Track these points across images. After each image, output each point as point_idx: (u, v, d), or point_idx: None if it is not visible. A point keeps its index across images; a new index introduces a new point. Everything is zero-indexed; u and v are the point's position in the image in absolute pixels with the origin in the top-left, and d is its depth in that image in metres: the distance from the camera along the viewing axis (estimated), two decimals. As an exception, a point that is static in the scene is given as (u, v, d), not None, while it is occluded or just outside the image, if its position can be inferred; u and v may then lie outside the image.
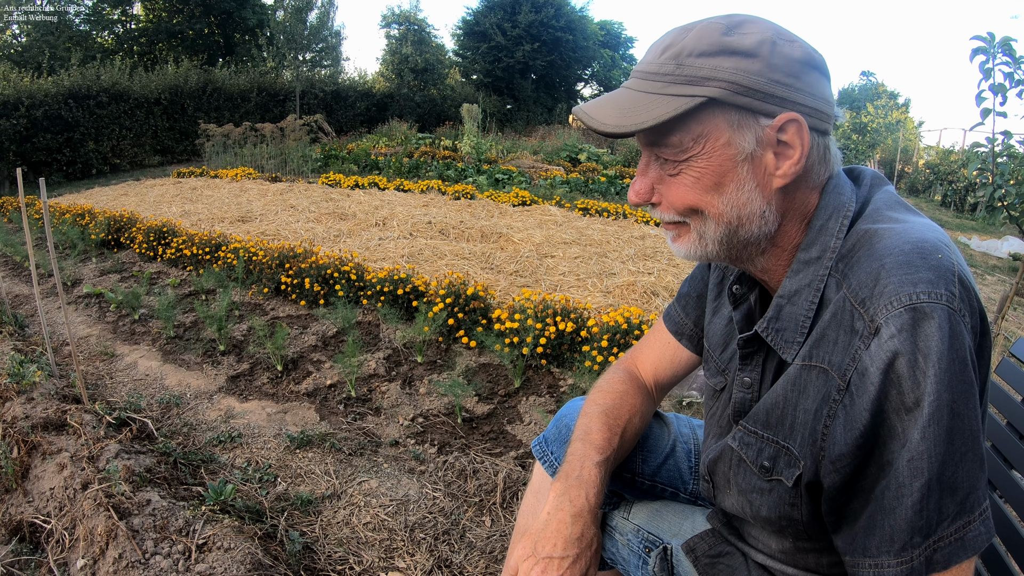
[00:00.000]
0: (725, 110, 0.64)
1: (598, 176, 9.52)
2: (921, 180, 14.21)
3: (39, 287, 2.87)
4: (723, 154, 0.65)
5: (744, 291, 0.81)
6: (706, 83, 0.63)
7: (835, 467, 0.62)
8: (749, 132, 0.64)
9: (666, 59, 0.65)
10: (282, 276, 3.74)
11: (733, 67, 0.63)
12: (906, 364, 0.56)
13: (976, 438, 0.57)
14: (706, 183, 0.67)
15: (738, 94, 0.63)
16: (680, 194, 0.69)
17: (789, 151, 0.66)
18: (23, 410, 2.09)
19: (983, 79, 2.47)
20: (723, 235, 0.69)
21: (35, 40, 15.72)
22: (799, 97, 0.64)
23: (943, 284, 0.57)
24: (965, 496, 0.57)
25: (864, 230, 0.66)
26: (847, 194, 0.70)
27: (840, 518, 0.65)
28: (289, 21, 16.95)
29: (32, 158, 11.62)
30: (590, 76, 25.54)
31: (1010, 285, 2.91)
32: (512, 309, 2.94)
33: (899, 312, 0.57)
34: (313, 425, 2.35)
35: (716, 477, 0.82)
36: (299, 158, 10.51)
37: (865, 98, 22.71)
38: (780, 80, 0.64)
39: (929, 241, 0.61)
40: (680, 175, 0.68)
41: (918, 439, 0.56)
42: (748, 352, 0.76)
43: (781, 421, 0.69)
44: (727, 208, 0.67)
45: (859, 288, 0.61)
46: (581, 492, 0.80)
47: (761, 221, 0.68)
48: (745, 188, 0.66)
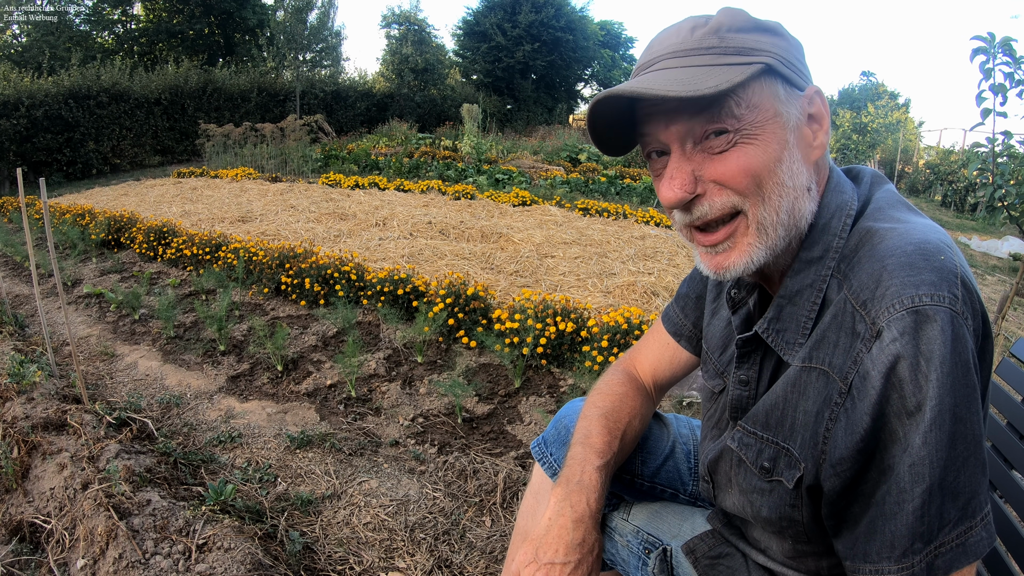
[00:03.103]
0: (773, 81, 0.65)
1: (598, 176, 9.52)
2: (921, 180, 14.20)
3: (39, 287, 2.87)
4: (775, 123, 0.65)
5: (743, 295, 0.80)
6: (756, 53, 0.64)
7: (836, 471, 0.62)
8: (793, 103, 0.66)
9: (703, 35, 0.65)
10: (282, 276, 3.74)
11: (771, 42, 0.66)
12: (908, 368, 0.56)
13: (978, 443, 0.56)
14: (768, 153, 0.64)
15: (783, 65, 0.65)
16: (740, 165, 0.64)
17: (816, 124, 0.68)
18: (23, 410, 2.09)
19: (983, 79, 2.47)
20: (786, 213, 0.65)
21: (35, 40, 15.71)
22: (809, 75, 0.69)
23: (946, 286, 0.56)
24: (967, 501, 0.56)
25: (866, 229, 0.65)
26: (848, 192, 0.70)
27: (840, 522, 0.64)
28: (289, 21, 16.97)
29: (32, 158, 11.62)
30: (590, 76, 25.55)
31: (1010, 285, 2.91)
32: (512, 309, 2.94)
33: (901, 315, 0.56)
34: (313, 425, 2.35)
35: (717, 477, 0.81)
36: (299, 158, 10.51)
37: (865, 98, 22.69)
38: (799, 58, 0.68)
39: (932, 242, 0.60)
40: (735, 148, 0.64)
41: (920, 444, 0.55)
42: (746, 351, 0.76)
43: (781, 422, 0.69)
44: (787, 178, 0.65)
45: (860, 290, 0.61)
46: (582, 497, 0.80)
47: (809, 196, 0.68)
48: (796, 158, 0.66)
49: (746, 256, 0.67)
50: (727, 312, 0.82)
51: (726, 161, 0.65)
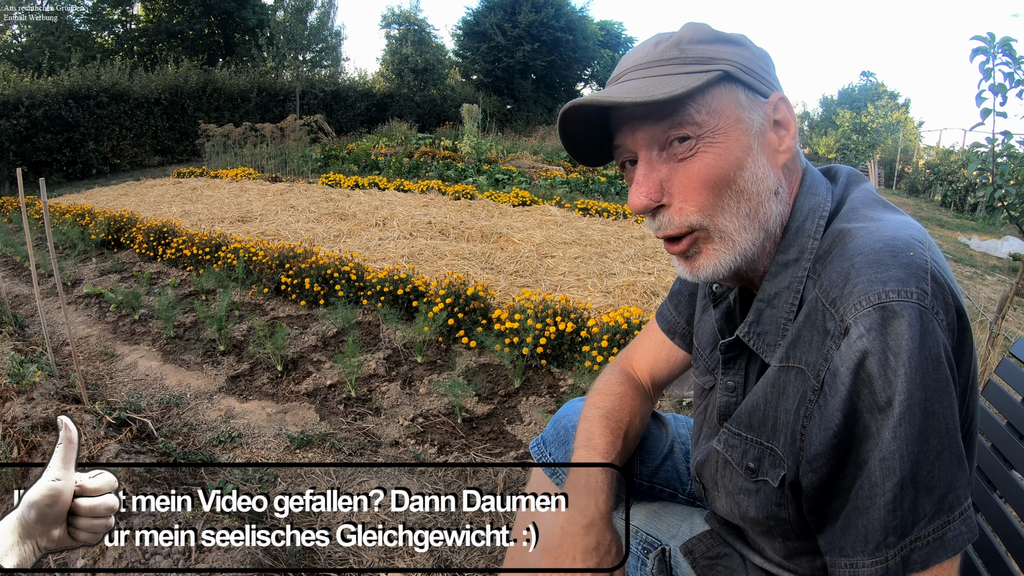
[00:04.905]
0: (734, 88, 0.66)
1: (598, 176, 9.51)
2: (921, 180, 14.21)
3: (39, 287, 2.87)
4: (737, 129, 0.66)
5: (723, 289, 0.81)
6: (714, 62, 0.66)
7: (812, 467, 0.62)
8: (755, 109, 0.67)
9: (665, 48, 0.68)
10: (282, 276, 3.74)
11: (732, 51, 0.67)
12: (876, 363, 0.56)
13: (953, 437, 0.56)
14: (728, 159, 0.65)
15: (744, 72, 0.67)
16: (700, 175, 0.65)
17: (783, 130, 0.69)
18: (23, 410, 2.09)
19: (983, 79, 2.47)
20: (746, 218, 0.67)
21: (35, 40, 15.71)
22: (775, 84, 0.70)
23: (914, 282, 0.57)
24: (943, 495, 0.56)
25: (839, 230, 0.66)
26: (822, 194, 0.71)
27: (823, 518, 0.65)
28: (289, 21, 16.97)
29: (32, 158, 11.62)
30: (590, 76, 25.54)
31: (1010, 285, 2.91)
32: (512, 309, 2.94)
33: (868, 311, 0.57)
34: (313, 425, 2.35)
35: (704, 479, 0.82)
36: (299, 158, 10.51)
37: (865, 98, 22.68)
38: (763, 67, 0.69)
39: (901, 239, 0.60)
40: (697, 155, 0.66)
41: (889, 438, 0.56)
42: (731, 356, 0.76)
43: (763, 422, 0.69)
44: (748, 184, 0.66)
45: (830, 288, 0.61)
46: (591, 501, 0.80)
47: (776, 199, 0.68)
48: (760, 163, 0.67)
49: (714, 260, 0.68)
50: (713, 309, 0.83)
51: (688, 171, 0.66)
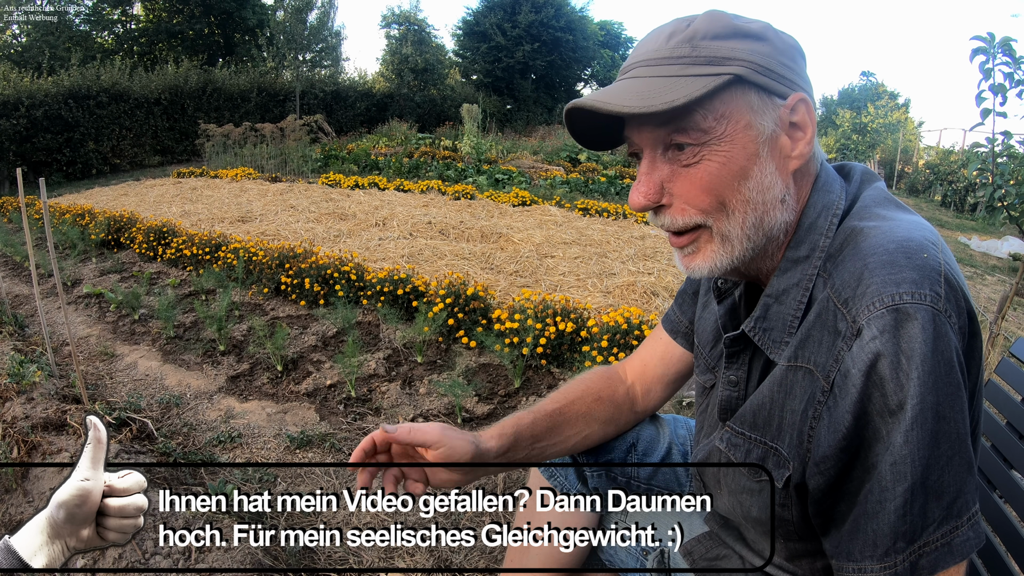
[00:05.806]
0: (746, 91, 0.63)
1: (598, 176, 9.51)
2: (921, 180, 14.20)
3: (39, 287, 2.87)
4: (746, 136, 0.63)
5: (728, 286, 0.80)
6: (727, 63, 0.62)
7: (819, 469, 0.62)
8: (768, 113, 0.64)
9: (677, 44, 0.64)
10: (282, 276, 3.74)
11: (749, 48, 0.63)
12: (888, 366, 0.55)
13: (963, 441, 0.56)
14: (732, 168, 0.63)
15: (758, 73, 0.63)
16: (703, 183, 0.64)
17: (799, 132, 0.66)
18: (23, 410, 2.09)
19: (983, 79, 2.47)
20: (751, 228, 0.65)
21: (35, 40, 15.70)
22: (800, 81, 0.66)
23: (928, 284, 0.56)
24: (952, 501, 0.56)
25: (851, 228, 0.65)
26: (836, 191, 0.70)
27: (828, 521, 0.64)
28: (289, 21, 16.96)
29: (32, 158, 11.61)
30: (590, 76, 25.53)
31: (1010, 285, 2.91)
32: (512, 309, 2.94)
33: (881, 313, 0.56)
34: (313, 425, 2.35)
35: (706, 478, 0.81)
36: (299, 158, 10.51)
37: (865, 98, 22.70)
38: (786, 63, 0.65)
39: (915, 240, 0.59)
40: (701, 162, 0.63)
41: (901, 443, 0.55)
42: (735, 351, 0.76)
43: (768, 422, 0.69)
44: (754, 193, 0.64)
45: (842, 288, 0.60)
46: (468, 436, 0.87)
47: (783, 207, 0.66)
48: (767, 171, 0.64)
49: (709, 262, 0.67)
50: (716, 304, 0.82)
51: (691, 177, 0.64)
